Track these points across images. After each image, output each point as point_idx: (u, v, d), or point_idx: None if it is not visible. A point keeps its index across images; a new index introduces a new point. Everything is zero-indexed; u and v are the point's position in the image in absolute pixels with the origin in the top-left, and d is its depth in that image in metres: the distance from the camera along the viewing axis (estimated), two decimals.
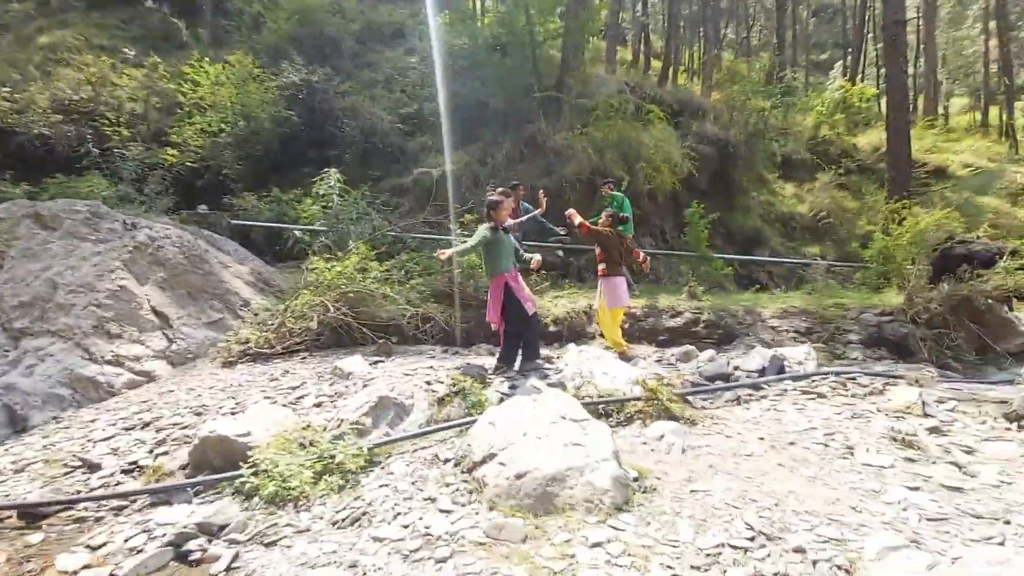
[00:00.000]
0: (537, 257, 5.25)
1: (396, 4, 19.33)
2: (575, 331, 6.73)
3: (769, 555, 2.21)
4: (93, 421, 4.48)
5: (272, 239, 9.92)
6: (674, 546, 2.33)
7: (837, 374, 4.42)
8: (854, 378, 4.31)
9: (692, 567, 2.18)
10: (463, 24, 14.47)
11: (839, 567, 2.11)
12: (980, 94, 29.02)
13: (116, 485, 3.48)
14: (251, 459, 3.31)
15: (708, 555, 2.25)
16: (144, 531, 2.83)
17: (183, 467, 3.60)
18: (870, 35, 29.52)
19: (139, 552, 2.64)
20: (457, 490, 3.03)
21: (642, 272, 7.14)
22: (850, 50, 30.08)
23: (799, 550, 2.21)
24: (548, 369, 4.89)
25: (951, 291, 5.91)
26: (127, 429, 4.26)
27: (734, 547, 2.28)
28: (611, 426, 3.67)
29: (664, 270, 11.68)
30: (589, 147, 10.84)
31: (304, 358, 5.89)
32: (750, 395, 4.22)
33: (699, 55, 24.00)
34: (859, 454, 2.99)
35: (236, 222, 10.24)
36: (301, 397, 4.67)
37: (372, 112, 13.41)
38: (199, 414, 4.42)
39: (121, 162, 10.07)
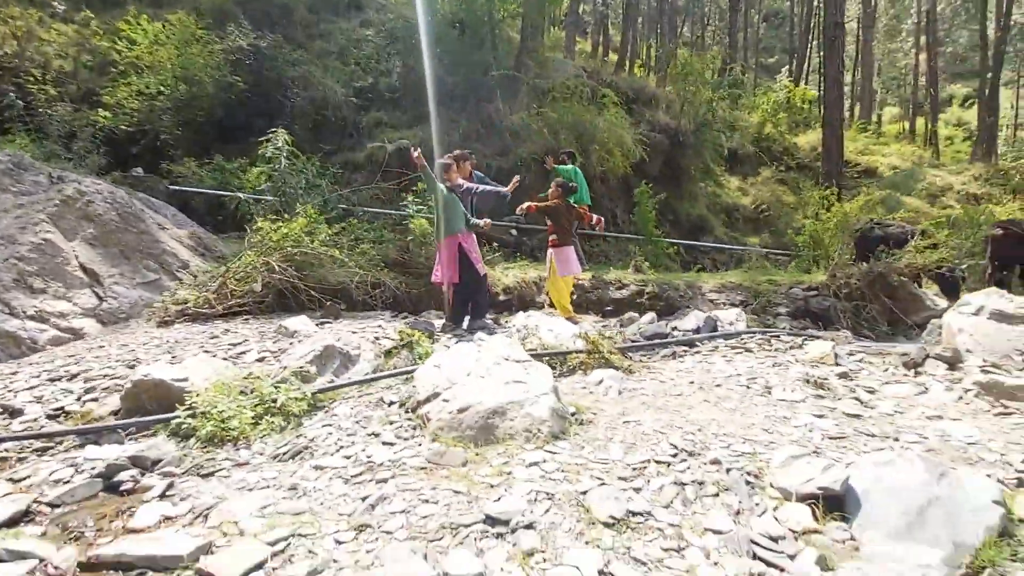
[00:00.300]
0: (487, 220, 5.33)
1: None
2: (524, 300, 6.87)
3: (689, 467, 2.39)
4: (14, 373, 4.22)
5: (214, 209, 9.52)
6: (604, 463, 2.48)
7: (763, 333, 4.76)
8: (778, 336, 4.66)
9: (620, 478, 2.33)
10: None
11: (749, 473, 2.32)
12: (909, 105, 31.23)
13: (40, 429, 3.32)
14: (188, 403, 3.24)
15: (635, 468, 2.41)
16: (71, 466, 2.73)
17: (114, 413, 3.47)
18: (815, 42, 31.02)
19: (66, 483, 2.55)
20: (401, 427, 3.09)
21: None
22: (795, 55, 31.65)
23: (715, 462, 2.41)
24: (496, 328, 4.99)
25: (868, 268, 6.41)
26: (52, 380, 4.04)
27: (658, 462, 2.45)
28: (554, 377, 3.81)
29: (614, 253, 12.04)
30: (544, 127, 10.97)
31: (247, 319, 5.73)
32: (685, 351, 4.48)
33: (655, 50, 24.57)
34: (775, 392, 3.25)
35: (175, 188, 9.77)
36: (243, 352, 4.57)
37: (324, 83, 13.01)
38: (132, 367, 4.23)
39: (47, 119, 9.38)
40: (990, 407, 3.00)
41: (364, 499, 2.30)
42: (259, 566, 1.84)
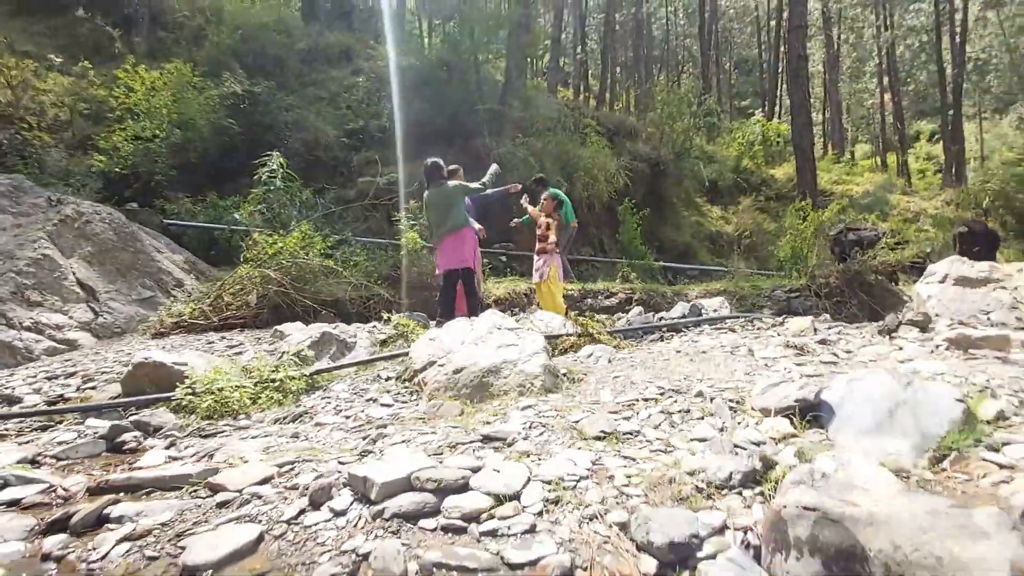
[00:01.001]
0: (481, 228, 5.62)
1: (343, 30, 19.73)
2: (516, 309, 7.01)
3: (675, 401, 2.51)
4: (11, 375, 4.26)
5: (207, 244, 9.69)
6: (595, 404, 2.59)
7: (747, 317, 4.93)
8: (760, 319, 4.83)
9: (609, 412, 2.44)
10: (410, 44, 15.02)
11: (731, 400, 2.44)
12: (879, 141, 32.79)
13: None
14: (188, 383, 3.31)
15: (624, 405, 2.52)
16: (75, 433, 2.78)
17: (113, 398, 3.51)
18: (784, 86, 32.77)
19: (70, 444, 2.60)
20: (398, 394, 3.18)
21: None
22: (766, 97, 33.35)
23: (700, 395, 2.53)
24: None
25: (845, 268, 6.68)
26: (50, 378, 4.09)
27: (646, 399, 2.57)
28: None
29: (601, 277, 12.32)
30: (530, 156, 11.44)
31: (242, 331, 5.81)
32: (672, 334, 4.62)
33: (634, 93, 25.81)
34: (757, 354, 3.40)
35: (169, 222, 9.96)
36: (239, 353, 4.64)
37: (316, 126, 13.54)
38: (128, 366, 4.29)
39: (43, 161, 9.65)
40: (958, 356, 3.16)
41: (365, 438, 2.38)
42: (266, 480, 1.91)
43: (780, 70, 32.11)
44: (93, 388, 3.70)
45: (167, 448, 2.52)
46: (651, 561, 1.21)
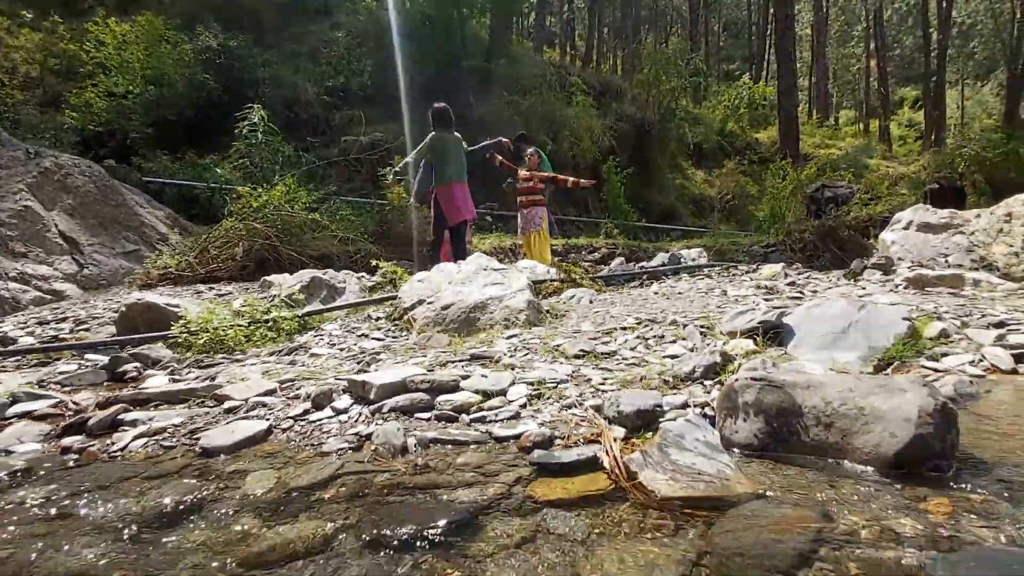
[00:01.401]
0: None
1: None
2: (502, 259, 7.13)
3: (650, 328, 2.68)
4: (1, 322, 4.29)
5: (187, 202, 9.54)
6: (576, 332, 2.76)
7: (724, 265, 5.13)
8: (736, 267, 5.04)
9: (589, 338, 2.61)
10: None
11: (702, 327, 2.62)
12: (863, 106, 32.95)
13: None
14: (183, 322, 3.40)
15: (603, 332, 2.69)
16: (75, 366, 2.87)
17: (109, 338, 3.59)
18: (771, 50, 32.48)
19: (72, 374, 2.70)
20: (389, 330, 3.31)
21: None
22: (754, 61, 33.12)
23: (673, 323, 2.71)
24: None
25: (820, 223, 6.89)
26: (41, 323, 4.13)
27: (624, 328, 2.74)
28: None
29: (585, 235, 12.46)
30: (515, 115, 11.35)
31: (229, 283, 5.85)
32: (651, 282, 4.80)
33: (621, 53, 25.41)
34: (730, 293, 3.58)
35: (148, 179, 9.77)
36: (229, 301, 4.72)
37: (295, 82, 13.18)
38: (119, 311, 4.35)
39: (14, 117, 9.34)
40: (915, 293, 3.38)
41: (359, 363, 2.52)
42: (270, 392, 2.05)
43: (768, 33, 31.79)
44: (87, 330, 3.77)
45: (169, 375, 2.63)
46: (620, 430, 1.37)
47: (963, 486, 1.03)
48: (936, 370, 1.98)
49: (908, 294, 3.40)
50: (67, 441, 1.69)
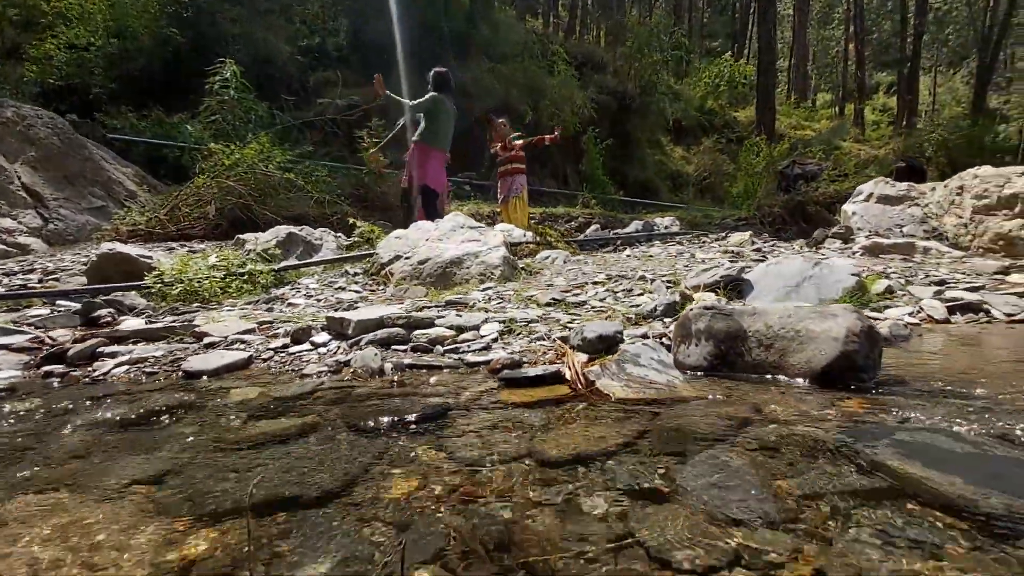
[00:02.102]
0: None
1: None
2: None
3: (619, 283, 2.80)
4: None
5: (154, 162, 9.24)
6: (549, 286, 2.86)
7: (695, 233, 5.30)
8: (707, 234, 5.21)
9: (561, 291, 2.71)
10: None
11: (668, 282, 2.75)
12: (840, 89, 33.39)
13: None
14: (156, 272, 3.38)
15: (574, 286, 2.80)
16: (47, 311, 2.86)
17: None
18: (754, 28, 32.46)
19: (46, 317, 2.69)
20: (366, 284, 3.36)
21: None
22: (737, 39, 33.14)
23: (643, 278, 2.83)
24: None
25: (789, 198, 7.10)
26: (8, 274, 4.05)
27: (595, 283, 2.85)
28: None
29: (563, 206, 12.54)
30: (496, 83, 11.22)
31: (202, 241, 5.78)
32: (625, 247, 4.94)
33: (604, 25, 25.11)
34: (698, 256, 3.73)
35: (114, 136, 9.42)
36: (198, 257, 4.67)
37: (267, 40, 12.71)
38: (89, 263, 4.28)
39: None
40: (870, 260, 3.57)
41: (336, 311, 2.57)
42: (249, 331, 2.10)
43: (752, 11, 31.75)
44: (56, 280, 3.71)
45: (146, 320, 2.65)
46: (584, 356, 1.48)
47: (879, 393, 1.17)
48: (877, 319, 2.15)
49: (863, 260, 3.59)
50: (47, 368, 1.73)
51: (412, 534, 0.68)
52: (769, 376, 1.29)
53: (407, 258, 3.33)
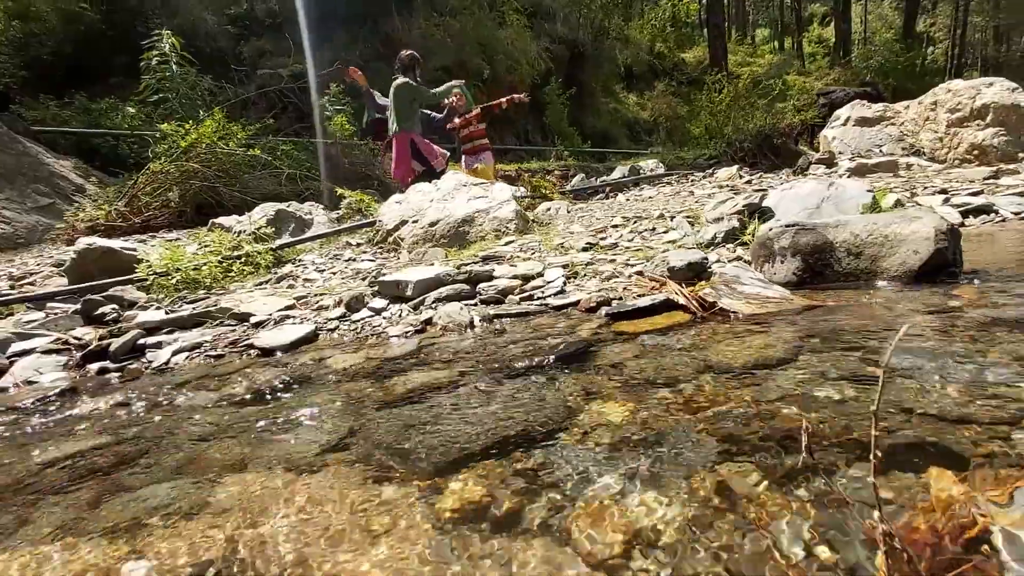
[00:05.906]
0: None
1: None
2: None
3: (640, 223, 2.82)
4: None
5: (86, 154, 8.51)
6: (572, 233, 2.85)
7: (680, 173, 5.37)
8: (692, 173, 5.29)
9: (588, 236, 2.70)
10: None
11: (688, 217, 2.79)
12: (777, 24, 33.73)
13: None
14: (147, 264, 3.17)
15: (595, 230, 2.80)
16: (41, 314, 2.65)
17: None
18: None
19: (43, 320, 2.50)
20: (376, 253, 3.26)
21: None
22: None
23: (660, 216, 2.86)
24: None
25: (756, 132, 7.23)
26: None
27: (615, 226, 2.86)
28: None
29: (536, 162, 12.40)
30: (448, 39, 10.78)
31: (170, 230, 5.44)
32: (615, 193, 4.96)
33: None
34: (697, 193, 3.78)
35: (39, 129, 8.60)
36: (181, 246, 4.41)
37: (191, 9, 11.71)
38: (60, 265, 3.98)
39: None
40: (859, 180, 3.71)
41: (365, 279, 2.50)
42: (290, 307, 2.01)
43: None
44: (31, 284, 3.44)
45: (165, 310, 2.50)
46: (674, 284, 1.50)
47: (976, 283, 1.24)
48: None
49: (853, 180, 3.72)
50: (94, 366, 1.62)
51: (686, 441, 0.68)
52: (863, 282, 1.34)
53: (415, 222, 3.24)
